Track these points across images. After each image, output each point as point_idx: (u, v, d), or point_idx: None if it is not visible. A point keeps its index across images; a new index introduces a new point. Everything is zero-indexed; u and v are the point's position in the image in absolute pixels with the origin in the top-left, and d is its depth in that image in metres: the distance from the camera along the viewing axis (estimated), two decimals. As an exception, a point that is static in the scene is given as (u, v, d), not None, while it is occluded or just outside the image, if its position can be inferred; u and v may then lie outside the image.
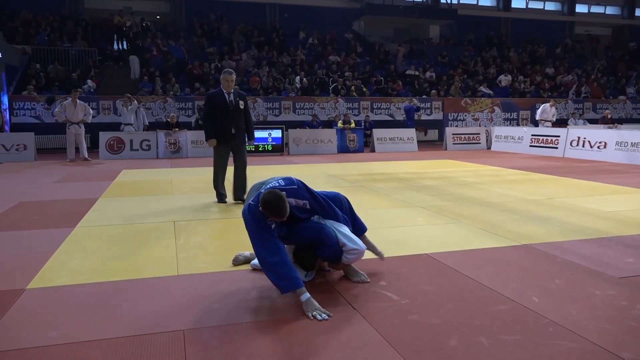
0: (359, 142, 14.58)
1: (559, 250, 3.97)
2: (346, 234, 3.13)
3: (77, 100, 11.77)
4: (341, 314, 2.75)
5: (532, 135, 13.98)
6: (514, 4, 27.01)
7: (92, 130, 13.50)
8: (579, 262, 3.67)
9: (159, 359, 2.30)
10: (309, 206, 3.07)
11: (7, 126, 14.01)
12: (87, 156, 11.96)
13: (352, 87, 18.04)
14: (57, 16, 19.47)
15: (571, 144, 12.61)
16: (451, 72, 20.76)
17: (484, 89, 19.66)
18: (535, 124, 17.56)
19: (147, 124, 14.46)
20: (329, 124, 16.27)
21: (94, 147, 13.50)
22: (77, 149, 11.95)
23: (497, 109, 18.75)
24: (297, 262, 3.23)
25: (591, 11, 28.64)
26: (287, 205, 2.83)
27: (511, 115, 18.99)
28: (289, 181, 3.04)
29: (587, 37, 27.28)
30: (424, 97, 18.26)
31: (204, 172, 9.43)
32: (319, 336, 2.50)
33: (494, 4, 26.96)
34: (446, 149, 15.12)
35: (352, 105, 17.37)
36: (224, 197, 6.21)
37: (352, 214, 3.41)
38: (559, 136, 13.05)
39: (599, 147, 11.83)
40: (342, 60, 20.19)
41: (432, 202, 6.10)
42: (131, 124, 13.61)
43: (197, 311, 2.83)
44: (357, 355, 2.32)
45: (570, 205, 5.87)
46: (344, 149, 14.38)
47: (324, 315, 2.69)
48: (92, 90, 15.84)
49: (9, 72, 15.13)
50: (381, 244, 4.16)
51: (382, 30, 24.24)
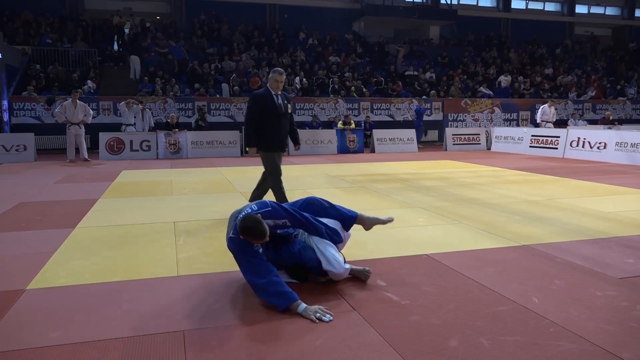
0: (359, 142, 14.59)
1: (559, 250, 3.97)
2: (327, 255, 3.11)
3: (77, 100, 11.77)
4: (341, 315, 2.75)
5: (532, 135, 13.99)
6: (513, 5, 27.02)
7: (92, 130, 13.50)
8: (579, 262, 3.67)
9: (159, 359, 2.30)
10: (289, 223, 3.09)
11: (7, 127, 14.01)
12: (87, 157, 11.96)
13: (352, 88, 18.04)
14: (57, 17, 19.48)
15: (571, 145, 12.61)
16: (451, 73, 20.77)
17: (483, 89, 19.67)
18: (535, 125, 17.58)
19: (153, 125, 14.47)
20: (329, 125, 16.27)
21: (94, 147, 13.50)
22: (77, 150, 11.95)
23: (497, 110, 18.76)
24: (290, 274, 3.26)
25: (591, 12, 28.66)
26: (265, 225, 2.86)
27: (511, 115, 18.99)
28: (262, 204, 3.06)
29: (588, 37, 27.29)
30: (424, 97, 18.26)
31: (204, 173, 9.44)
32: (319, 337, 2.50)
33: (494, 4, 26.98)
34: (446, 150, 15.12)
35: (352, 105, 17.37)
36: None
37: (334, 208, 3.40)
38: (559, 137, 13.05)
39: (598, 148, 11.83)
40: (342, 60, 20.20)
41: (432, 202, 6.10)
42: (132, 125, 13.61)
43: (197, 311, 2.83)
44: (358, 355, 2.32)
45: (570, 205, 5.87)
46: (344, 149, 14.38)
47: (327, 315, 2.69)
48: (92, 90, 15.84)
49: (9, 73, 15.14)
50: (381, 244, 4.17)
51: (382, 30, 24.25)
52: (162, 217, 5.34)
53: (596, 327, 2.59)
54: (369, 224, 3.48)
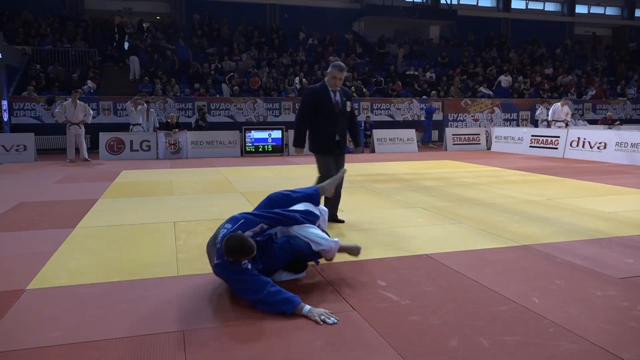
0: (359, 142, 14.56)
1: (559, 250, 3.97)
2: (313, 237, 3.15)
3: (77, 100, 11.77)
4: (341, 315, 2.75)
5: (532, 135, 13.99)
6: (513, 5, 27.02)
7: (92, 130, 13.50)
8: (579, 262, 3.67)
9: (159, 359, 2.30)
10: (265, 226, 3.06)
11: (7, 127, 14.00)
12: (87, 157, 11.96)
13: (352, 88, 18.05)
14: (57, 17, 19.48)
15: (571, 145, 12.61)
16: (451, 73, 20.77)
17: (483, 89, 19.67)
18: (535, 125, 17.57)
19: (158, 125, 14.47)
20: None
21: (94, 147, 13.50)
22: (77, 150, 11.95)
23: (497, 110, 18.76)
24: (287, 270, 3.26)
25: (591, 12, 28.66)
26: (249, 240, 2.81)
27: (511, 115, 18.99)
28: (234, 221, 3.01)
29: (589, 37, 27.27)
30: (424, 97, 18.27)
31: (204, 173, 9.44)
32: (319, 337, 2.50)
33: (494, 4, 26.98)
34: (446, 150, 15.12)
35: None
36: (338, 219, 5.06)
37: (295, 193, 3.46)
38: (559, 137, 13.05)
39: (599, 148, 11.83)
40: (342, 60, 20.19)
41: (432, 202, 6.10)
42: (140, 124, 13.60)
43: (197, 311, 2.82)
44: (358, 355, 2.32)
45: (570, 205, 5.87)
46: (344, 149, 14.35)
47: (332, 318, 2.67)
48: (92, 90, 15.84)
49: (9, 73, 15.14)
50: (381, 244, 4.17)
51: (382, 30, 24.25)
52: (162, 217, 5.34)
53: (596, 327, 2.59)
54: (329, 189, 3.82)
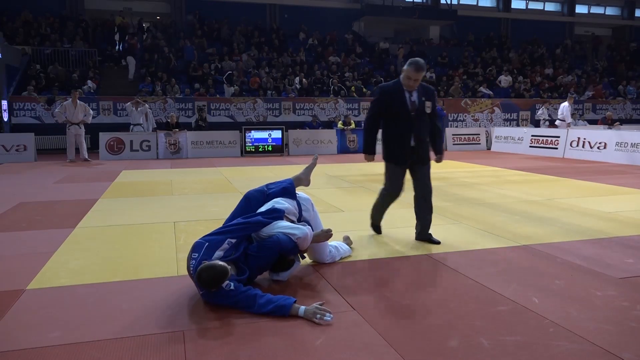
0: (359, 142, 14.59)
1: (559, 250, 3.97)
2: (285, 229, 3.10)
3: (77, 100, 11.77)
4: (341, 315, 2.75)
5: (532, 135, 13.98)
6: (513, 5, 27.01)
7: (92, 130, 13.50)
8: (579, 262, 3.67)
9: (159, 359, 2.30)
10: (233, 240, 3.00)
11: (6, 127, 14.00)
12: (87, 157, 11.96)
13: (352, 88, 18.05)
14: (57, 17, 19.48)
15: (571, 145, 12.61)
16: (451, 73, 20.76)
17: (483, 89, 19.67)
18: (536, 124, 17.56)
19: (155, 125, 14.49)
20: (329, 125, 16.27)
21: (94, 147, 13.49)
22: (77, 150, 11.95)
23: (497, 110, 18.76)
24: (275, 270, 3.23)
25: (591, 12, 28.65)
26: (220, 264, 2.76)
27: (511, 115, 18.99)
28: (198, 247, 2.93)
29: (589, 37, 27.26)
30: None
31: (204, 173, 9.44)
32: (319, 337, 2.50)
33: (494, 4, 26.97)
34: (446, 150, 15.11)
35: (352, 105, 17.37)
36: (380, 230, 4.65)
37: (270, 187, 3.48)
38: (559, 137, 13.05)
39: (599, 148, 11.83)
40: (342, 61, 20.20)
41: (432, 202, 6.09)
42: (140, 124, 13.61)
43: (197, 311, 2.83)
44: (358, 355, 2.32)
45: (570, 205, 5.87)
46: (344, 149, 14.38)
47: (327, 315, 2.67)
48: (92, 90, 15.85)
49: (9, 73, 15.13)
50: (381, 244, 4.17)
51: (382, 31, 24.24)
52: (162, 217, 5.34)
53: (596, 327, 2.59)
54: (304, 179, 3.80)
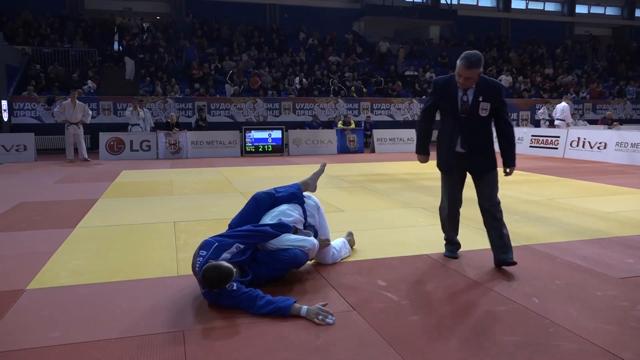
0: (359, 142, 14.59)
1: (559, 250, 3.97)
2: (297, 242, 3.17)
3: (76, 100, 11.77)
4: (341, 315, 2.75)
5: (532, 135, 13.98)
6: (513, 5, 27.03)
7: (92, 130, 13.50)
8: (579, 262, 3.67)
9: (159, 359, 2.30)
10: (241, 245, 3.01)
11: (6, 127, 14.00)
12: (86, 157, 11.95)
13: (352, 88, 18.05)
14: (57, 17, 19.48)
15: (571, 145, 12.61)
16: (451, 73, 20.71)
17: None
18: (536, 124, 17.56)
19: (153, 125, 14.49)
20: (329, 125, 16.27)
21: (94, 147, 13.50)
22: (77, 150, 11.95)
23: (497, 110, 18.73)
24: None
25: (591, 12, 28.66)
26: (226, 265, 2.77)
27: (511, 115, 18.97)
28: (207, 246, 2.95)
29: (589, 37, 27.26)
30: (424, 97, 18.26)
31: (204, 173, 9.44)
32: (319, 337, 2.50)
33: (494, 4, 26.98)
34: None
35: (352, 105, 17.37)
36: (456, 249, 3.89)
37: (279, 192, 3.51)
38: (559, 137, 13.05)
39: (599, 148, 11.83)
40: (342, 60, 20.20)
41: (432, 202, 6.10)
42: (138, 124, 13.62)
43: (197, 311, 2.83)
44: (358, 355, 2.32)
45: (570, 205, 5.87)
46: (344, 149, 14.38)
47: (330, 317, 2.67)
48: (92, 90, 15.85)
49: (9, 73, 15.13)
50: (381, 245, 4.17)
51: (382, 31, 24.24)
52: (162, 217, 5.34)
53: (596, 327, 2.59)
54: (312, 184, 3.86)
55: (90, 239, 4.42)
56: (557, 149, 12.99)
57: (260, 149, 13.78)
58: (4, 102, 14.08)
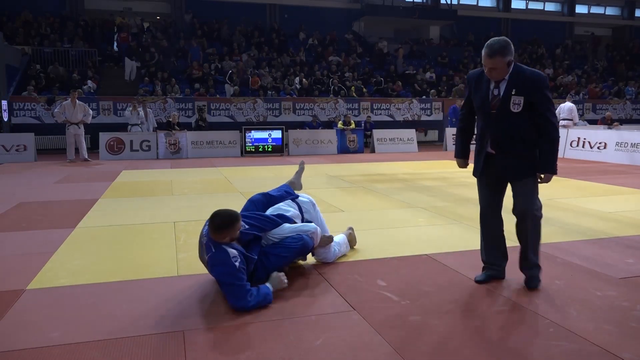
0: (359, 142, 14.59)
1: (559, 250, 3.97)
2: (298, 229, 3.35)
3: (77, 100, 11.77)
4: (341, 315, 2.75)
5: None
6: (514, 5, 27.02)
7: (92, 130, 13.50)
8: (579, 262, 3.67)
9: (159, 359, 2.30)
10: (247, 227, 3.12)
11: (6, 127, 14.00)
12: (86, 157, 11.94)
13: (352, 88, 18.05)
14: (57, 17, 19.48)
15: (571, 145, 12.61)
16: (451, 73, 20.77)
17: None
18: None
19: (156, 125, 14.47)
20: (329, 125, 16.27)
21: (94, 147, 13.49)
22: (77, 150, 11.95)
23: (497, 110, 18.74)
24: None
25: (591, 12, 28.66)
26: (229, 210, 3.01)
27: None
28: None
29: (589, 37, 27.27)
30: (424, 97, 18.28)
31: (204, 173, 9.44)
32: (319, 337, 2.50)
33: (494, 4, 26.98)
34: (446, 150, 15.10)
35: (352, 105, 17.37)
36: (494, 270, 3.29)
37: (274, 192, 3.69)
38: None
39: (599, 148, 11.83)
40: (342, 61, 20.20)
41: (432, 202, 6.10)
42: (138, 124, 13.62)
43: (197, 311, 2.83)
44: (358, 355, 2.32)
45: (570, 205, 5.87)
46: (344, 149, 14.38)
47: (284, 279, 3.03)
48: (92, 90, 15.84)
49: (9, 73, 15.13)
50: (381, 245, 4.17)
51: (382, 31, 24.25)
52: (162, 217, 5.34)
53: (596, 327, 2.59)
54: (297, 182, 4.06)
55: (90, 239, 4.42)
56: (557, 149, 12.96)
57: (260, 149, 13.78)
58: (4, 102, 14.07)
